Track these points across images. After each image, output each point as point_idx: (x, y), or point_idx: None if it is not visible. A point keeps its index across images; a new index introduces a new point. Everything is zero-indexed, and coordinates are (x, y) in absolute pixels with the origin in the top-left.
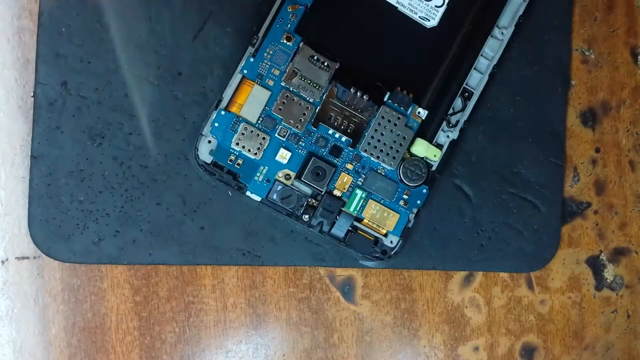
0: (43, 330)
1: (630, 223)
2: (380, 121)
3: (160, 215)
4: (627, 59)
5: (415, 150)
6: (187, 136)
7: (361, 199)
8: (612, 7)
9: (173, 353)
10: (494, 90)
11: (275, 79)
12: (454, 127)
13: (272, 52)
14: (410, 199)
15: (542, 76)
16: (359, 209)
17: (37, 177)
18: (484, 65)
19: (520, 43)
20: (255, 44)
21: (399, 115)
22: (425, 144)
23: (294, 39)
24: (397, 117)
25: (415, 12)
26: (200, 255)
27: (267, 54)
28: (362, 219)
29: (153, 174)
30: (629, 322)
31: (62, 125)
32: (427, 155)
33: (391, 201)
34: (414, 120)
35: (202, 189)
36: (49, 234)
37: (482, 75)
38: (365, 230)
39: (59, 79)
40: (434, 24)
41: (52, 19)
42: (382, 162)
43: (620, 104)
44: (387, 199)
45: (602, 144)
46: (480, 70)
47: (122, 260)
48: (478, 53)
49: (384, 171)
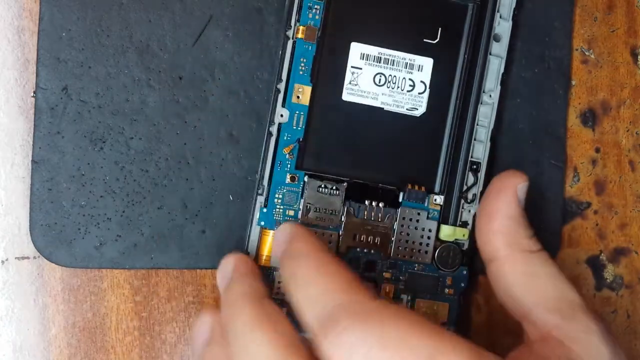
0: (43, 330)
1: (630, 223)
2: (402, 223)
3: (162, 220)
4: (627, 59)
5: (443, 236)
6: (188, 140)
7: (408, 302)
8: (612, 7)
9: (173, 353)
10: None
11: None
12: (472, 201)
13: (280, 196)
14: (454, 284)
15: (543, 78)
16: None
17: (38, 182)
18: (482, 133)
19: (520, 45)
20: (263, 193)
21: (418, 211)
22: (451, 228)
23: (298, 177)
24: (417, 213)
25: (402, 106)
26: (201, 259)
27: (277, 200)
28: None
29: (154, 178)
30: (629, 322)
31: (63, 130)
32: (456, 237)
33: (437, 294)
34: (434, 210)
35: (203, 193)
36: (50, 239)
37: (483, 144)
38: None
39: (59, 83)
40: (423, 111)
41: (52, 23)
42: (416, 261)
43: (620, 104)
44: (433, 293)
45: (602, 144)
46: (480, 140)
47: (124, 264)
48: (473, 124)
49: (421, 268)
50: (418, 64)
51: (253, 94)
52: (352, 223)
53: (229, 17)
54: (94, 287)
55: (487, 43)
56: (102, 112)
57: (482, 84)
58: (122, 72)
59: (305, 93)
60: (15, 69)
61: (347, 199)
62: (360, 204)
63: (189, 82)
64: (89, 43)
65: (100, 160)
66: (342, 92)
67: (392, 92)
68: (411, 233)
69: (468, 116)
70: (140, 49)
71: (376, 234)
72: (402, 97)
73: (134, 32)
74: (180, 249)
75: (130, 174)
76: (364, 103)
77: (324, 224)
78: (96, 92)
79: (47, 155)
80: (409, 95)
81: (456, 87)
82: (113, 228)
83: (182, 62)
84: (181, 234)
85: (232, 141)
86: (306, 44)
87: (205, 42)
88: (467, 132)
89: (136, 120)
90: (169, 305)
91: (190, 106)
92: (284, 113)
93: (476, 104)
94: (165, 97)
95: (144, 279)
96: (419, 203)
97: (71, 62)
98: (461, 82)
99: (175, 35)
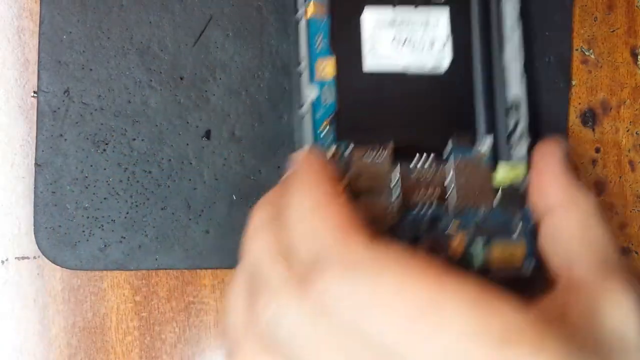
0: (43, 330)
1: (630, 223)
2: (457, 172)
3: (166, 220)
4: (627, 59)
5: (500, 178)
6: (190, 141)
7: (483, 248)
8: (612, 7)
9: (173, 353)
10: None
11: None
12: (521, 138)
13: None
14: (522, 223)
15: (543, 76)
16: (482, 261)
17: (42, 184)
18: (513, 70)
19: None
20: None
21: (469, 158)
22: (507, 167)
23: (340, 150)
24: (469, 159)
25: (425, 66)
26: (206, 259)
27: None
28: (488, 269)
29: (157, 179)
30: None
31: (65, 133)
32: (513, 177)
33: (508, 236)
34: (484, 155)
35: (207, 193)
36: (55, 242)
37: (517, 80)
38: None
39: (61, 86)
40: (447, 65)
41: (52, 26)
42: (480, 207)
43: (620, 104)
44: (503, 237)
45: (602, 144)
46: (514, 77)
47: (129, 266)
48: (502, 63)
49: (486, 213)
50: (434, 20)
51: (254, 93)
52: (406, 183)
53: (229, 17)
54: (94, 287)
55: None
56: (104, 114)
57: (500, 23)
58: (124, 74)
59: (329, 66)
60: (15, 69)
61: (395, 161)
62: (409, 163)
63: (190, 83)
64: (90, 45)
65: (103, 162)
66: (363, 61)
67: (413, 51)
68: (469, 180)
69: (494, 58)
70: (141, 50)
71: (432, 189)
72: (423, 58)
73: (135, 34)
74: (185, 249)
75: (133, 176)
76: (388, 69)
77: (376, 190)
78: (98, 94)
79: (50, 158)
80: (429, 54)
81: (476, 32)
82: (117, 230)
83: (183, 62)
84: (185, 234)
85: (234, 141)
86: (318, 20)
87: (205, 42)
88: (498, 73)
89: (138, 121)
90: (169, 305)
91: (191, 106)
92: (313, 90)
93: (500, 43)
94: (166, 97)
95: (144, 279)
96: (467, 152)
97: (72, 64)
98: (480, 26)
99: (176, 35)
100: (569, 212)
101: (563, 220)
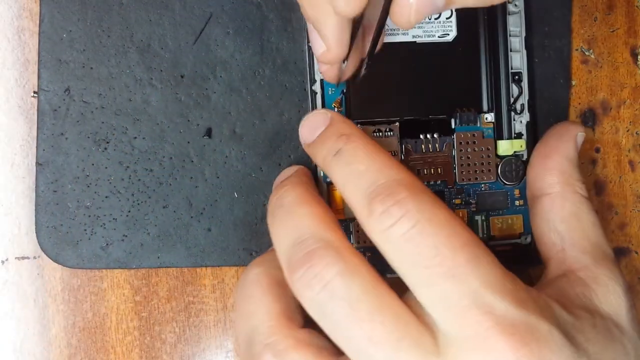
0: (43, 330)
1: (630, 223)
2: (460, 148)
3: (167, 218)
4: (627, 59)
5: (502, 151)
6: (191, 139)
7: (483, 222)
8: (612, 7)
9: (173, 353)
10: None
11: None
12: (522, 112)
13: None
14: (522, 195)
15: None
16: (485, 233)
17: (43, 184)
18: (517, 42)
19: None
20: None
21: (473, 132)
22: (508, 142)
23: None
24: (472, 135)
25: (433, 35)
26: (207, 257)
27: None
28: (490, 239)
29: (159, 177)
30: None
31: (66, 132)
32: (515, 150)
33: (508, 208)
34: (487, 128)
35: (208, 191)
36: (56, 241)
37: (519, 53)
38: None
39: (61, 85)
40: (455, 34)
41: (52, 25)
42: (482, 181)
43: (620, 104)
44: (504, 209)
45: (602, 144)
46: (516, 50)
47: (131, 264)
48: (506, 35)
49: (488, 187)
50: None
51: (255, 90)
52: (412, 159)
53: (229, 15)
54: (94, 287)
55: None
56: (104, 113)
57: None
58: (124, 72)
59: None
60: (15, 69)
61: (402, 138)
62: (415, 140)
63: (191, 81)
64: (90, 44)
65: (105, 160)
66: None
67: (421, 23)
68: (471, 155)
69: (499, 29)
70: (142, 49)
71: (437, 164)
72: (432, 26)
73: (135, 32)
74: (187, 247)
75: (134, 174)
76: (396, 40)
77: None
78: (98, 93)
79: (51, 157)
80: (437, 22)
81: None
82: (119, 228)
83: (183, 60)
84: (187, 232)
85: (235, 138)
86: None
87: (205, 40)
88: (502, 45)
89: (139, 119)
90: (169, 305)
91: (192, 104)
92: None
93: (504, 15)
94: (167, 96)
95: (144, 279)
96: (471, 125)
97: (73, 63)
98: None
99: (176, 33)
100: (564, 200)
101: (558, 206)
